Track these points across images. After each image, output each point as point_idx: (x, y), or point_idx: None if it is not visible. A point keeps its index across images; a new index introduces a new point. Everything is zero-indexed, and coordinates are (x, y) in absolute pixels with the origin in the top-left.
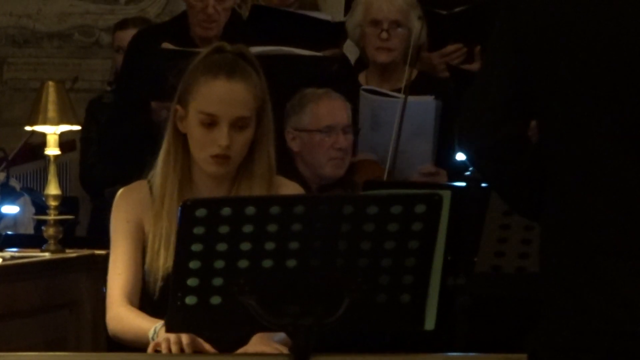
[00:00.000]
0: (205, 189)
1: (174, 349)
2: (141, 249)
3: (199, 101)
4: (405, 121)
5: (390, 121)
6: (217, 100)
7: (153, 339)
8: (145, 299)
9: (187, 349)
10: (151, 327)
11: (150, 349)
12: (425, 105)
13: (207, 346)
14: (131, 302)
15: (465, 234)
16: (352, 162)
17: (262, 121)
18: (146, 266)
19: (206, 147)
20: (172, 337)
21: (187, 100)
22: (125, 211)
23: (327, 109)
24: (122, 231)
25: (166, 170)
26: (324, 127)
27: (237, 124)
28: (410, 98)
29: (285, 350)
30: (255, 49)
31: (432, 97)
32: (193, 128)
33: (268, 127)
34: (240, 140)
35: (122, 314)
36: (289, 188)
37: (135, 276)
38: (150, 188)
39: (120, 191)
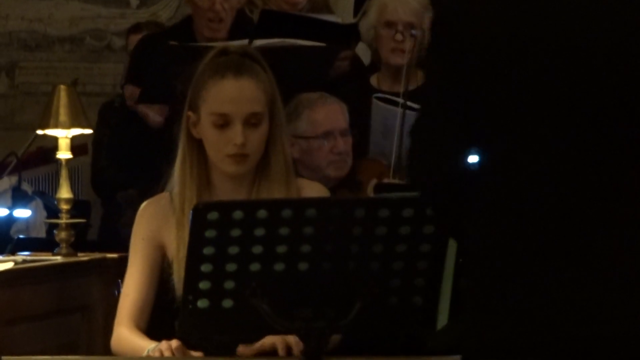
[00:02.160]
0: (225, 192)
1: (166, 353)
2: (156, 267)
3: (210, 103)
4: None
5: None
6: (227, 100)
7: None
8: (175, 309)
9: (176, 353)
10: (146, 347)
11: None
12: None
13: (197, 354)
14: (137, 323)
15: None
16: (355, 161)
17: (274, 117)
18: (174, 276)
19: (222, 147)
20: (163, 345)
21: (197, 105)
22: (143, 227)
23: (323, 115)
24: (137, 249)
25: (183, 177)
26: (322, 134)
27: (251, 121)
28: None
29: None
30: (260, 42)
31: None
32: (207, 131)
33: (280, 122)
34: (256, 136)
35: (122, 335)
36: (313, 189)
37: (144, 297)
38: (172, 198)
39: (142, 205)
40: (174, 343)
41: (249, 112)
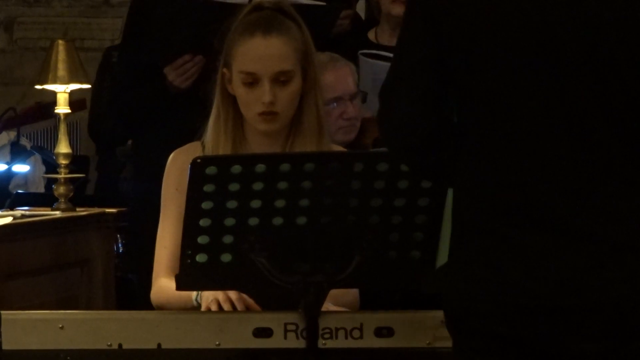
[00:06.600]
0: (259, 147)
1: (225, 306)
2: None
3: (239, 61)
4: None
5: None
6: (254, 58)
7: (197, 301)
8: None
9: (238, 306)
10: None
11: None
12: None
13: (252, 302)
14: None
15: None
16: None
17: (307, 74)
18: None
19: (252, 106)
20: (220, 295)
21: (230, 63)
22: (176, 178)
23: (333, 79)
24: (170, 200)
25: (217, 131)
26: (331, 99)
27: (279, 79)
28: None
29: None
30: None
31: None
32: (238, 89)
33: (314, 78)
34: (285, 94)
35: (164, 285)
36: None
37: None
38: (204, 149)
39: (172, 154)
40: (233, 295)
41: (276, 70)
